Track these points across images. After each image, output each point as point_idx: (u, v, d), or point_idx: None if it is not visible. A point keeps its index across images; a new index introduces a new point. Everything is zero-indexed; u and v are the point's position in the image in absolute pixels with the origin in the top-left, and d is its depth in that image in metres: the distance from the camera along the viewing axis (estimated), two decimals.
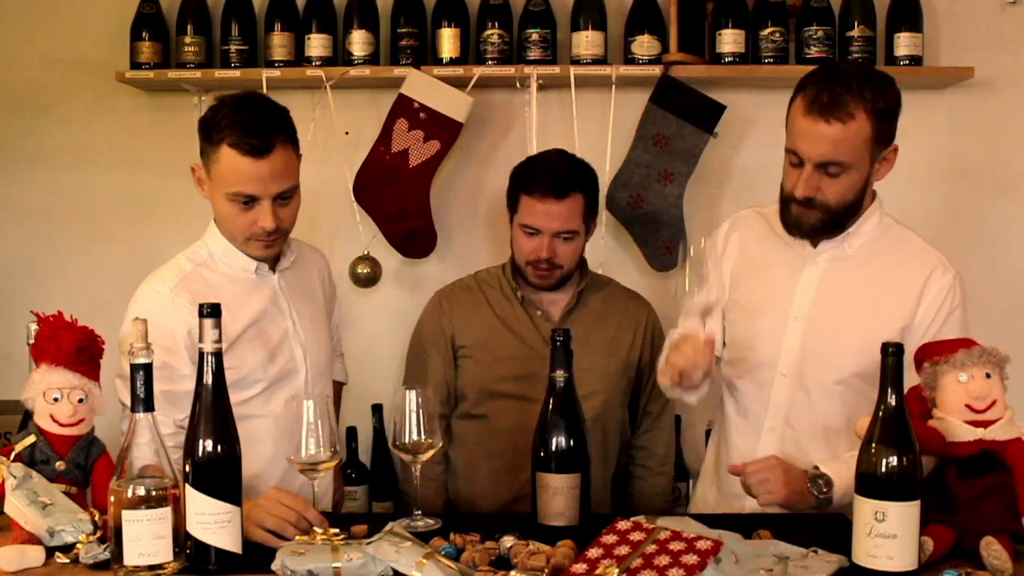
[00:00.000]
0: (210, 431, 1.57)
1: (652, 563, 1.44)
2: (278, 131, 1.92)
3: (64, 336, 1.75)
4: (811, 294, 2.02)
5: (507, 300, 2.41)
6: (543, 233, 2.28)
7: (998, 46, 2.89)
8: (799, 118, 1.91)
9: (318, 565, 1.51)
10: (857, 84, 1.88)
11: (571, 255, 2.32)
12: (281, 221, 1.96)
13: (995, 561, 1.53)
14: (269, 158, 1.89)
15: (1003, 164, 2.93)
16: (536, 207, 2.27)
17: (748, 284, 2.10)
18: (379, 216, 2.85)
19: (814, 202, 1.93)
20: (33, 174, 2.98)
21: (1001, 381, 1.72)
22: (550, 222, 2.27)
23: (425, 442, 1.77)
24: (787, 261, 2.06)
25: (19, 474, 1.67)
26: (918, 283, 2.00)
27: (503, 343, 2.37)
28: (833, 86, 1.87)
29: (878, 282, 2.01)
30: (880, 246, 2.03)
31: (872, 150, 1.91)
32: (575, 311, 2.39)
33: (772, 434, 2.05)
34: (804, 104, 1.90)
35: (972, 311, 2.90)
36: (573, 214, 2.28)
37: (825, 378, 2.00)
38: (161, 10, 2.86)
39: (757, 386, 2.06)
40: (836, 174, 1.91)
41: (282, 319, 2.08)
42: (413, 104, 2.75)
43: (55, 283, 2.96)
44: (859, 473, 1.56)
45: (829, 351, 2.00)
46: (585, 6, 2.80)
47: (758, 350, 2.05)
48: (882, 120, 1.90)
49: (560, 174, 2.29)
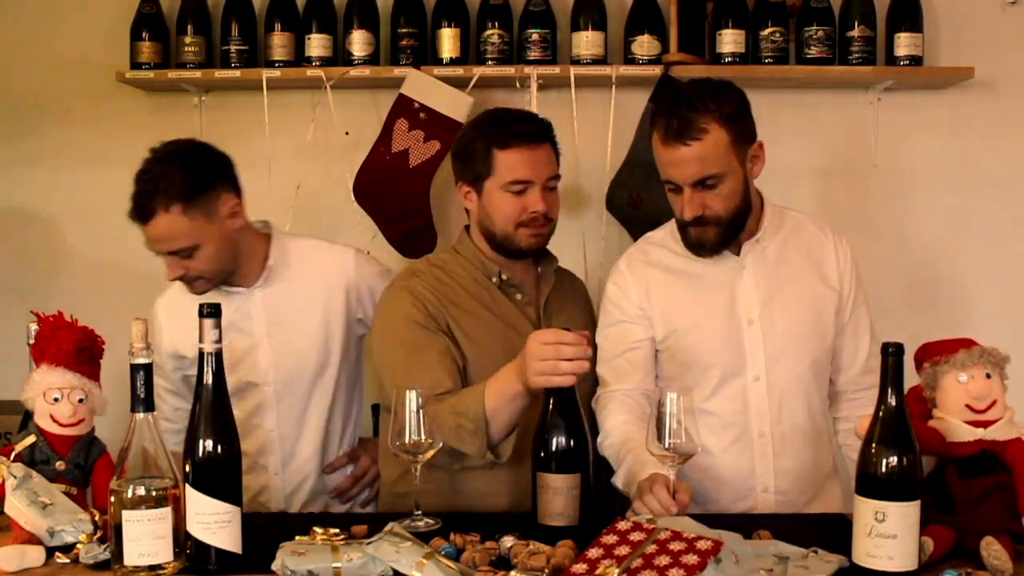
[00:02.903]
0: (210, 431, 1.57)
1: (652, 563, 1.44)
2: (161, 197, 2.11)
3: (64, 336, 1.76)
4: (754, 297, 2.07)
5: (480, 286, 2.17)
6: (535, 183, 2.11)
7: (998, 46, 2.89)
8: (660, 150, 1.99)
9: (318, 565, 1.51)
10: (699, 100, 1.96)
11: (558, 206, 2.18)
12: (187, 271, 2.15)
13: (995, 561, 1.53)
14: (152, 223, 2.12)
15: (1003, 164, 2.93)
16: (521, 157, 2.09)
17: (683, 307, 2.09)
18: (379, 216, 2.85)
19: (705, 219, 1.99)
20: (33, 174, 2.99)
21: (1001, 381, 1.73)
22: (540, 169, 2.11)
23: (425, 442, 1.77)
24: (715, 275, 2.09)
25: (19, 474, 1.67)
26: (830, 257, 2.13)
27: (494, 333, 2.13)
28: (678, 110, 1.96)
29: (801, 269, 2.11)
30: (784, 235, 2.12)
31: (737, 153, 1.98)
32: (555, 292, 2.24)
33: (763, 439, 2.06)
34: (660, 136, 1.98)
35: (972, 311, 2.94)
36: (553, 157, 2.16)
37: (791, 373, 2.06)
38: (161, 10, 2.86)
39: (731, 398, 2.06)
40: (714, 186, 1.97)
41: (244, 335, 2.21)
42: (413, 104, 2.75)
43: (55, 283, 2.96)
44: (859, 473, 1.56)
45: (789, 347, 2.06)
46: (585, 6, 2.81)
47: (722, 363, 2.06)
48: (734, 123, 1.97)
49: (528, 118, 2.18)
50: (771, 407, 2.06)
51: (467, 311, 2.13)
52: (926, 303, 2.94)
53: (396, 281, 2.19)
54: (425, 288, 2.12)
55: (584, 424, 1.77)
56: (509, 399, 1.85)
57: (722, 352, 2.06)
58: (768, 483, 2.06)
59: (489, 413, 1.87)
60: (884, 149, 2.92)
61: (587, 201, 2.91)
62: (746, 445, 2.06)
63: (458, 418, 1.89)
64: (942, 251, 2.96)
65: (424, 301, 2.09)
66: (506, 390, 1.85)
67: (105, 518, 1.61)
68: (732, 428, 2.06)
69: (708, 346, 2.06)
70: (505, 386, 1.85)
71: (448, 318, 2.10)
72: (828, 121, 2.93)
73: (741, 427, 2.06)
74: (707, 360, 2.06)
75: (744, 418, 2.06)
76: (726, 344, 2.06)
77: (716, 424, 2.06)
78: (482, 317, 2.14)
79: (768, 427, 2.06)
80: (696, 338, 2.07)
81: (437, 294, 2.12)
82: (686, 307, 2.08)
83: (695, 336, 2.07)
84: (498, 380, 1.88)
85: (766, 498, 2.07)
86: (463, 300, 2.15)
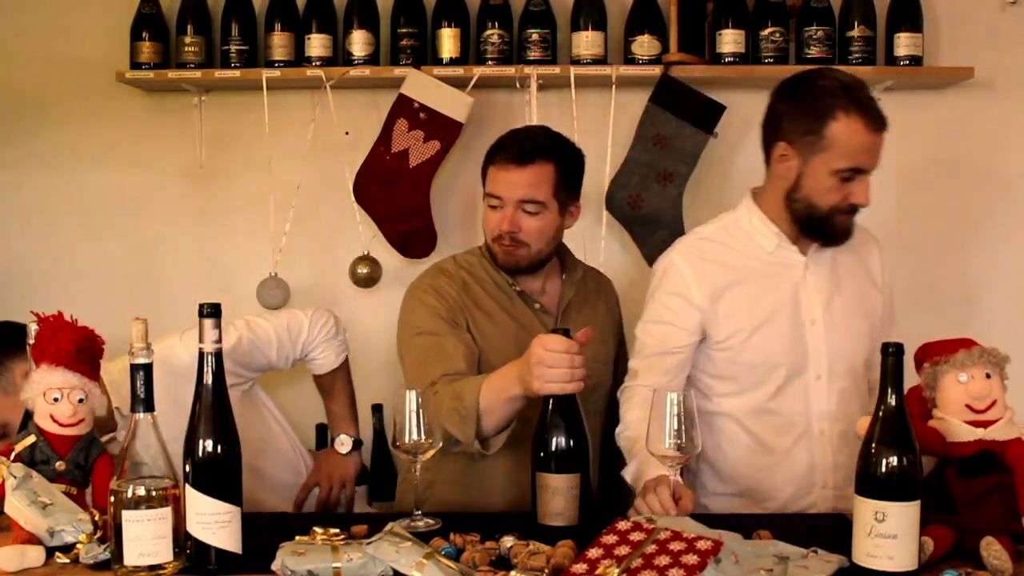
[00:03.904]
0: (210, 431, 1.57)
1: (652, 563, 1.44)
2: None
3: (64, 336, 1.75)
4: (819, 297, 2.10)
5: (502, 291, 2.23)
6: (506, 202, 2.14)
7: (998, 46, 2.89)
8: (862, 135, 2.02)
9: (318, 565, 1.51)
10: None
11: (537, 232, 2.15)
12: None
13: (995, 561, 1.53)
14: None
15: (1003, 164, 2.94)
16: (498, 175, 2.14)
17: (747, 307, 2.09)
18: (379, 216, 2.85)
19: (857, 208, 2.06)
20: (33, 174, 2.99)
21: (1001, 381, 1.73)
22: (512, 190, 2.12)
23: (425, 442, 1.77)
24: (780, 274, 2.10)
25: (19, 474, 1.67)
26: (875, 259, 2.22)
27: (510, 336, 2.17)
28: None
29: (854, 270, 2.17)
30: None
31: None
32: (573, 303, 2.27)
33: (823, 437, 2.09)
34: (863, 122, 2.02)
35: (972, 311, 2.94)
36: (538, 182, 2.13)
37: (849, 372, 2.11)
38: (161, 10, 2.86)
39: (795, 397, 2.09)
40: None
41: None
42: (413, 104, 2.75)
43: (55, 283, 2.96)
44: (859, 473, 1.57)
45: (847, 346, 2.10)
46: (585, 6, 2.81)
47: (788, 363, 2.08)
48: None
49: (527, 140, 2.18)
50: (831, 405, 2.09)
51: (487, 313, 2.19)
52: (926, 303, 2.94)
53: (423, 278, 2.24)
54: (450, 287, 2.18)
55: (584, 424, 1.77)
56: (505, 399, 1.86)
57: (788, 352, 2.08)
58: (827, 479, 2.10)
59: (482, 407, 1.88)
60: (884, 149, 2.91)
61: (587, 201, 2.88)
62: (808, 443, 2.10)
63: (454, 401, 1.92)
64: (942, 251, 2.96)
65: (448, 298, 2.16)
66: (504, 389, 1.86)
67: (105, 518, 1.61)
68: (795, 427, 2.10)
69: (775, 346, 2.08)
70: (503, 384, 1.86)
71: (468, 318, 2.16)
72: None
73: (803, 426, 2.09)
74: (774, 360, 2.08)
75: (806, 417, 2.09)
76: (792, 344, 2.08)
77: (780, 423, 2.10)
78: (500, 321, 2.19)
79: (828, 424, 2.09)
80: (762, 338, 2.08)
81: (461, 294, 2.18)
82: (751, 307, 2.09)
83: (761, 336, 2.08)
84: (497, 378, 1.89)
85: (824, 494, 2.10)
86: (484, 302, 2.20)
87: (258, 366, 2.23)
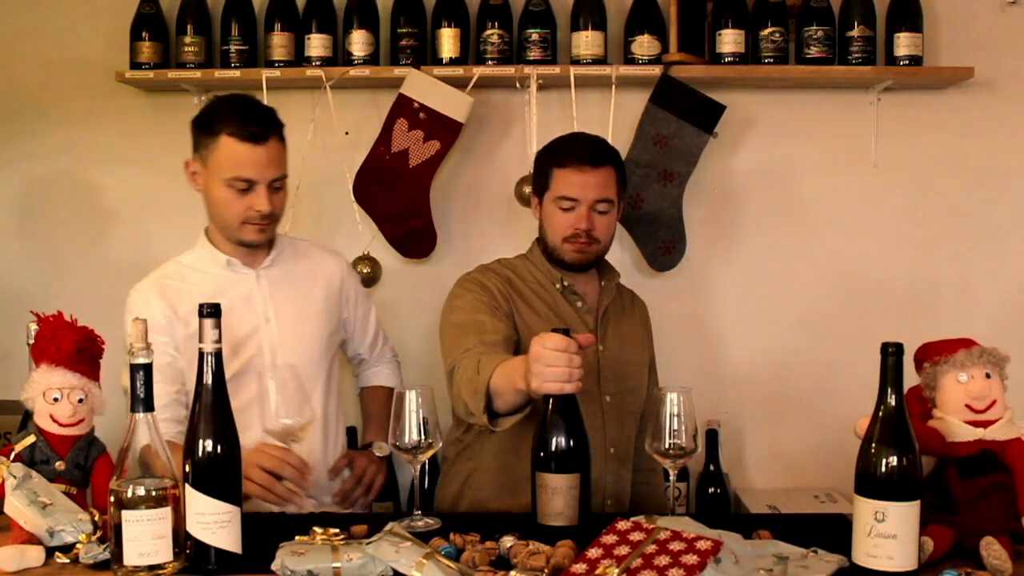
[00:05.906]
0: (210, 431, 1.57)
1: (652, 563, 1.44)
2: (272, 122, 2.15)
3: (64, 336, 1.75)
4: None
5: (545, 289, 2.32)
6: (581, 203, 2.24)
7: (998, 46, 2.89)
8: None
9: (318, 565, 1.51)
10: None
11: (607, 229, 2.29)
12: (274, 206, 2.14)
13: (995, 561, 1.53)
14: (266, 145, 2.10)
15: (1003, 164, 2.93)
16: (572, 177, 2.25)
17: None
18: (379, 216, 2.85)
19: None
20: (33, 174, 2.99)
21: (1001, 381, 1.73)
22: (587, 191, 2.24)
23: (425, 442, 1.77)
24: None
25: (19, 474, 1.67)
26: None
27: None
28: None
29: None
30: None
31: None
32: (612, 307, 2.36)
33: None
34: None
35: (972, 311, 2.94)
36: (608, 183, 2.26)
37: None
38: (161, 10, 2.86)
39: None
40: None
41: (252, 315, 2.20)
42: (413, 104, 2.75)
43: (55, 283, 2.96)
44: (859, 473, 1.56)
45: None
46: (585, 6, 2.80)
47: None
48: None
49: (594, 144, 2.31)
50: None
51: (531, 307, 2.27)
52: (926, 303, 2.94)
53: (468, 274, 2.34)
54: (496, 281, 2.27)
55: (584, 424, 1.77)
56: (511, 390, 1.87)
57: None
58: None
59: (493, 388, 1.90)
60: (884, 149, 2.92)
61: None
62: None
63: (472, 372, 1.96)
64: (942, 251, 2.96)
65: (494, 290, 2.25)
66: (511, 379, 1.86)
67: (105, 518, 1.61)
68: None
69: None
70: (511, 375, 1.86)
71: (513, 307, 2.25)
72: (828, 121, 2.92)
73: None
74: None
75: None
76: None
77: None
78: (544, 315, 2.27)
79: None
80: None
81: (506, 286, 2.28)
82: None
83: None
84: (508, 367, 1.89)
85: None
86: (529, 298, 2.29)
87: None
